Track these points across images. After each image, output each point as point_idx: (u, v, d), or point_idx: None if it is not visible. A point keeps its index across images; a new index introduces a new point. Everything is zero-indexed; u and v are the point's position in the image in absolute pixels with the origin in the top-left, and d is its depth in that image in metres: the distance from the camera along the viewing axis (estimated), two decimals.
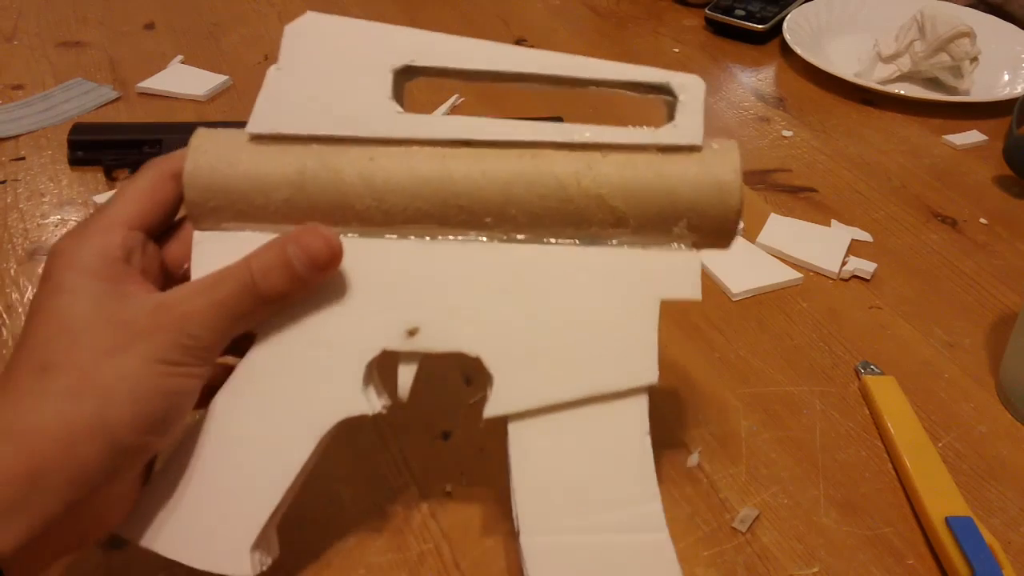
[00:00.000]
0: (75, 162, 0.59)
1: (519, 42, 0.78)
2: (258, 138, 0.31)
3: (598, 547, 0.29)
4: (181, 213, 0.32)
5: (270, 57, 0.73)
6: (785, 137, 0.64)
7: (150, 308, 0.28)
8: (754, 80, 0.73)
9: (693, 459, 0.39)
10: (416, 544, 0.35)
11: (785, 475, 0.39)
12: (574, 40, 0.78)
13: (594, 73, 0.32)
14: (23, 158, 0.60)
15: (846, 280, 0.50)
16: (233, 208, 0.30)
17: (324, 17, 0.32)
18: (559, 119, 0.60)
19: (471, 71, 0.31)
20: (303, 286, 0.29)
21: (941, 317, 0.48)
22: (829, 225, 0.55)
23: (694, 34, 0.80)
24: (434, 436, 0.40)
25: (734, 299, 0.48)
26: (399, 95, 0.32)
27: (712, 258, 0.51)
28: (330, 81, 0.31)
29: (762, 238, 0.53)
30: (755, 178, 0.59)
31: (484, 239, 0.31)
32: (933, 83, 0.71)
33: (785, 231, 0.53)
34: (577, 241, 0.31)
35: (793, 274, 0.50)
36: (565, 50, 0.33)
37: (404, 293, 0.30)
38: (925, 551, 0.36)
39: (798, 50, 0.72)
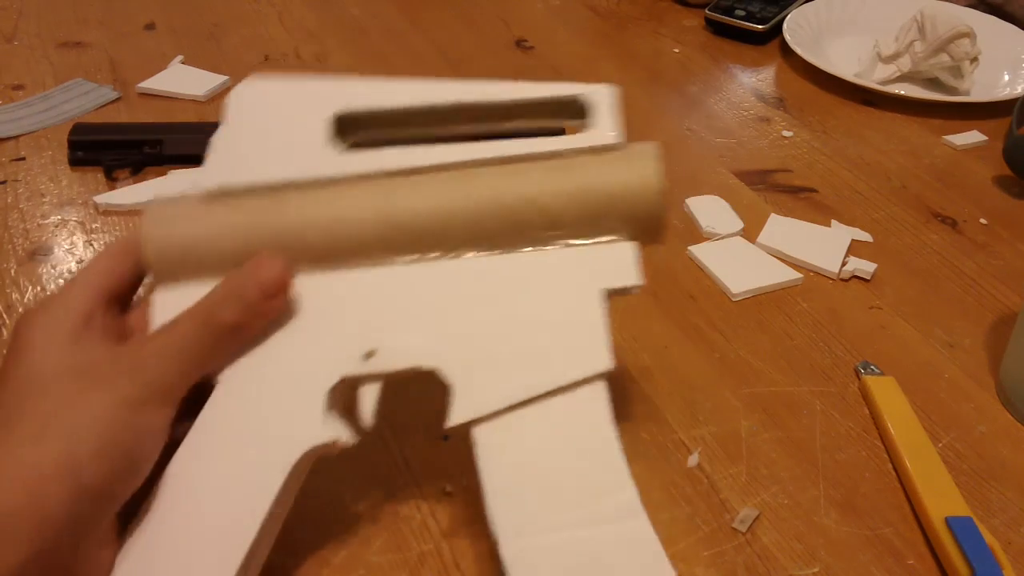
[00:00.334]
0: (75, 162, 0.59)
1: (519, 43, 0.78)
2: (210, 195, 0.32)
3: (578, 542, 0.28)
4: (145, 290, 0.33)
5: (270, 58, 0.73)
6: (785, 137, 0.64)
7: (112, 355, 0.29)
8: (754, 80, 0.73)
9: (693, 459, 0.39)
10: (416, 544, 0.35)
11: (785, 475, 0.39)
12: (574, 41, 0.78)
13: (514, 95, 0.34)
14: (23, 158, 0.60)
15: (846, 280, 0.50)
16: (190, 262, 0.32)
17: (265, 80, 0.35)
18: None
19: (399, 111, 0.34)
20: (257, 315, 0.30)
21: (941, 317, 0.48)
22: (829, 225, 0.55)
23: (694, 34, 0.80)
24: (434, 436, 0.40)
25: (734, 299, 0.49)
26: (340, 139, 0.34)
27: (712, 258, 0.51)
28: (273, 134, 0.33)
29: (762, 238, 0.53)
30: (755, 178, 0.59)
31: (431, 257, 0.32)
32: (933, 83, 0.71)
33: (785, 231, 0.53)
34: (519, 248, 0.32)
35: (793, 274, 0.50)
36: (566, 51, 0.34)
37: (358, 319, 0.31)
38: (925, 551, 0.36)
39: (798, 50, 0.72)
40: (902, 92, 0.68)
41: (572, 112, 0.34)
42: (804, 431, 0.41)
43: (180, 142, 0.58)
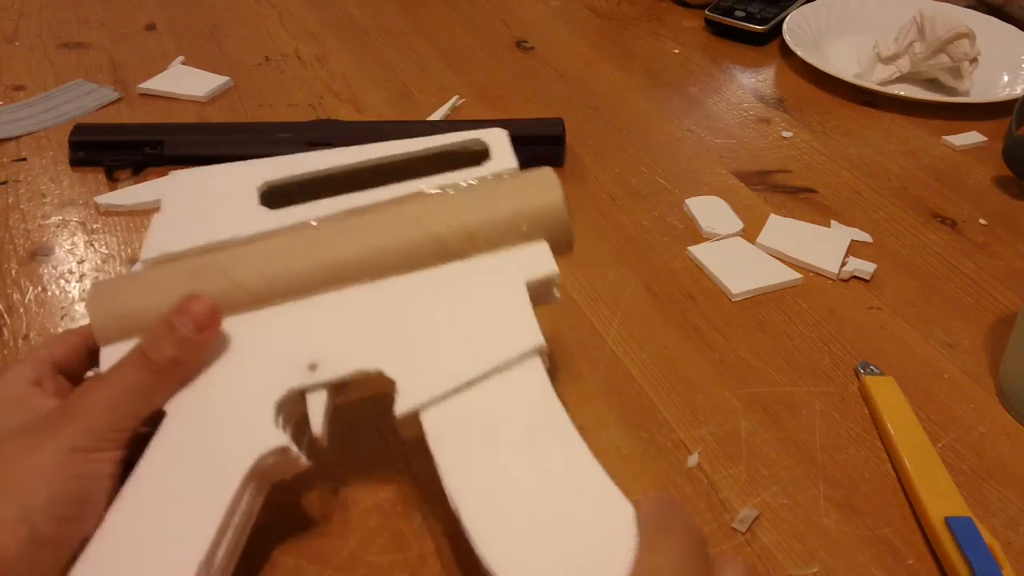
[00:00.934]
0: (76, 163, 0.59)
1: (519, 43, 0.78)
2: (150, 264, 0.35)
3: (539, 503, 0.28)
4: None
5: (270, 59, 0.73)
6: (785, 138, 0.65)
7: (59, 407, 0.30)
8: (754, 81, 0.73)
9: (693, 459, 0.39)
10: (417, 544, 0.35)
11: (785, 475, 0.39)
12: (575, 42, 0.79)
13: (415, 147, 0.38)
14: (24, 159, 0.60)
15: (846, 281, 0.50)
16: (134, 321, 0.33)
17: (194, 171, 0.39)
18: (560, 121, 0.60)
19: (314, 174, 0.38)
20: (192, 348, 0.31)
21: (941, 317, 0.48)
22: (829, 226, 0.55)
23: (694, 35, 0.80)
24: None
25: (734, 299, 0.49)
26: (268, 206, 0.37)
27: (712, 259, 0.51)
28: (206, 209, 0.37)
29: (762, 239, 0.53)
30: (755, 179, 0.59)
31: (361, 283, 0.34)
32: (933, 84, 0.71)
33: (785, 232, 0.53)
34: (443, 264, 0.34)
35: (793, 275, 0.50)
36: (566, 52, 0.35)
37: (299, 341, 0.33)
38: (925, 551, 0.36)
39: (798, 51, 0.72)
40: (902, 93, 0.68)
41: (472, 155, 0.38)
42: (804, 431, 0.41)
43: (181, 143, 0.59)
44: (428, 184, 0.36)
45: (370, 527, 0.36)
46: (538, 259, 0.34)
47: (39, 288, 0.49)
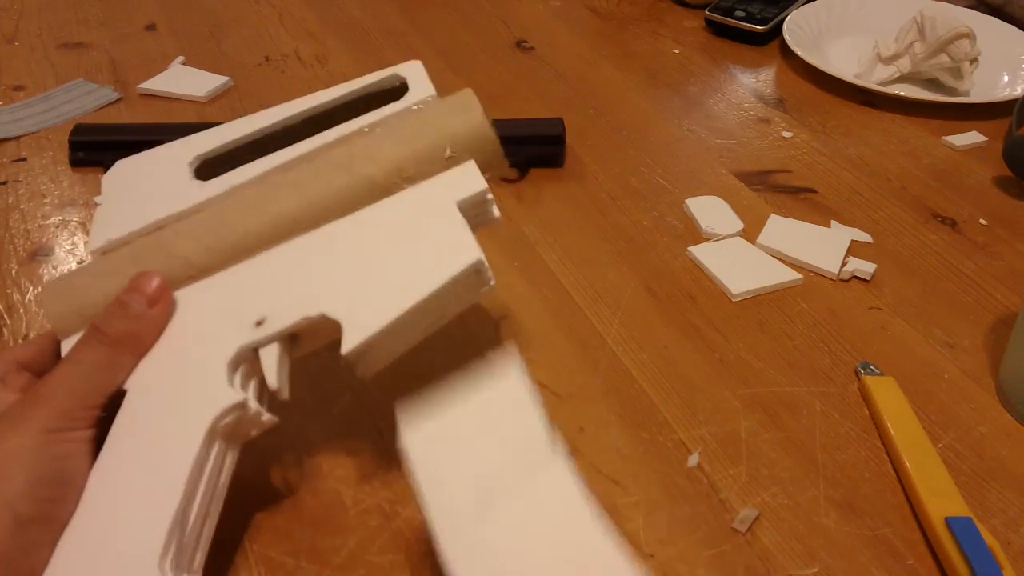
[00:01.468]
0: (76, 163, 0.59)
1: (519, 43, 0.78)
2: (97, 254, 0.36)
3: (509, 522, 0.28)
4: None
5: (270, 59, 0.73)
6: (785, 138, 0.65)
7: (22, 398, 0.31)
8: (754, 81, 0.73)
9: (693, 459, 0.39)
10: (417, 544, 0.35)
11: (785, 475, 0.39)
12: (575, 42, 0.79)
13: (336, 94, 0.40)
14: (24, 159, 0.60)
15: (846, 281, 0.50)
16: (88, 311, 0.34)
17: (132, 158, 0.40)
18: (560, 120, 0.60)
19: (244, 138, 0.39)
20: (145, 322, 0.32)
21: (941, 318, 0.48)
22: (829, 226, 0.55)
23: (694, 35, 0.80)
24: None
25: (734, 300, 0.49)
26: (203, 178, 0.38)
27: (712, 259, 0.51)
28: (144, 193, 0.38)
29: (762, 239, 0.53)
30: (755, 179, 0.59)
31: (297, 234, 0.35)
32: (933, 84, 0.71)
33: (785, 232, 0.53)
34: (376, 201, 0.35)
35: (793, 275, 0.50)
36: (566, 52, 0.36)
37: (243, 300, 0.34)
38: (925, 551, 0.36)
39: (798, 51, 0.72)
40: (902, 93, 0.68)
41: (392, 91, 0.39)
42: (804, 431, 0.41)
43: None
44: (351, 127, 0.37)
45: (370, 527, 0.36)
46: (467, 179, 0.35)
47: (39, 288, 0.49)
